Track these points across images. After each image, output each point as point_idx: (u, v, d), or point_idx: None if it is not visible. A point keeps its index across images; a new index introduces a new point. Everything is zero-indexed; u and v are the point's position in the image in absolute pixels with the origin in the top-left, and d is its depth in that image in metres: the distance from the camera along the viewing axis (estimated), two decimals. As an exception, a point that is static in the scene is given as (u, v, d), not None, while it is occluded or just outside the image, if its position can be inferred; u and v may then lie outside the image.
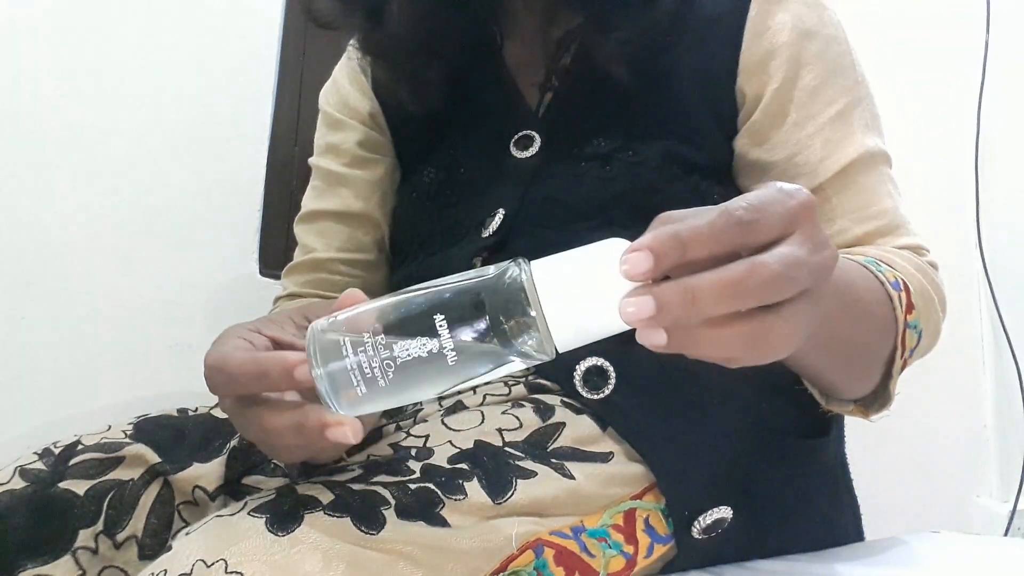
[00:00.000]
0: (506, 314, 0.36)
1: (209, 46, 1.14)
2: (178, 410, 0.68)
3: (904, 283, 0.58)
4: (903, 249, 0.65)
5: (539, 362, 0.38)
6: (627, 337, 0.61)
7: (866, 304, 0.55)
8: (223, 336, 0.49)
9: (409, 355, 0.37)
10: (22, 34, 1.05)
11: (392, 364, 0.37)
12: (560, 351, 0.37)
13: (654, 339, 0.35)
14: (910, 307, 0.58)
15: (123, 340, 1.06)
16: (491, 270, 0.38)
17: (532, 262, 0.37)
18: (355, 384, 0.38)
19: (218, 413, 0.69)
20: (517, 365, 0.38)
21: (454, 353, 0.37)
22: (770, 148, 0.69)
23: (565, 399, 0.60)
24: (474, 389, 0.64)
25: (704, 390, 0.61)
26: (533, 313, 0.36)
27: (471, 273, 0.38)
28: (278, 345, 0.49)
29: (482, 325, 0.36)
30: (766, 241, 0.34)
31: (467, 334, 0.37)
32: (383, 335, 0.38)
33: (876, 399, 0.60)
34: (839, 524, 0.69)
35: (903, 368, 0.60)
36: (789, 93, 0.68)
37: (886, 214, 0.67)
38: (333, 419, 0.41)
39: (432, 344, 0.37)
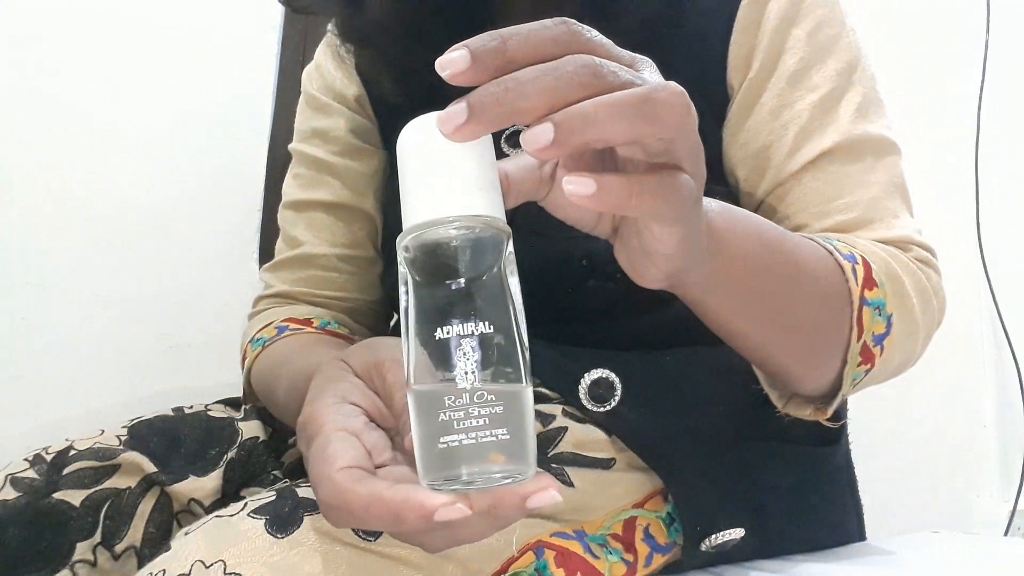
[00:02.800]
0: (426, 259, 0.34)
1: (209, 46, 1.14)
2: (173, 409, 0.67)
3: (862, 258, 0.54)
4: (880, 243, 0.59)
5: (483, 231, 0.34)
6: (631, 345, 0.61)
7: (801, 260, 0.51)
8: (312, 425, 0.41)
9: (462, 362, 0.33)
10: (21, 32, 1.04)
11: (481, 393, 0.33)
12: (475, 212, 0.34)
13: (540, 140, 0.31)
14: (870, 283, 0.53)
15: (123, 340, 1.06)
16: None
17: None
18: (493, 438, 0.33)
19: (214, 413, 0.68)
20: (509, 257, 0.35)
21: (486, 326, 0.33)
22: (743, 143, 0.65)
23: (566, 408, 0.59)
24: None
25: (713, 401, 0.60)
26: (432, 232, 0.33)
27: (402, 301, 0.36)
28: (369, 416, 0.43)
29: (446, 294, 0.34)
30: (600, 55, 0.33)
31: (453, 311, 0.33)
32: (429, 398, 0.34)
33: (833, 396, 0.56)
34: (843, 526, 0.69)
35: (871, 364, 0.55)
36: (765, 81, 0.64)
37: (856, 206, 0.60)
38: (528, 489, 0.34)
39: (466, 339, 0.33)
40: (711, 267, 0.43)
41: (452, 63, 0.32)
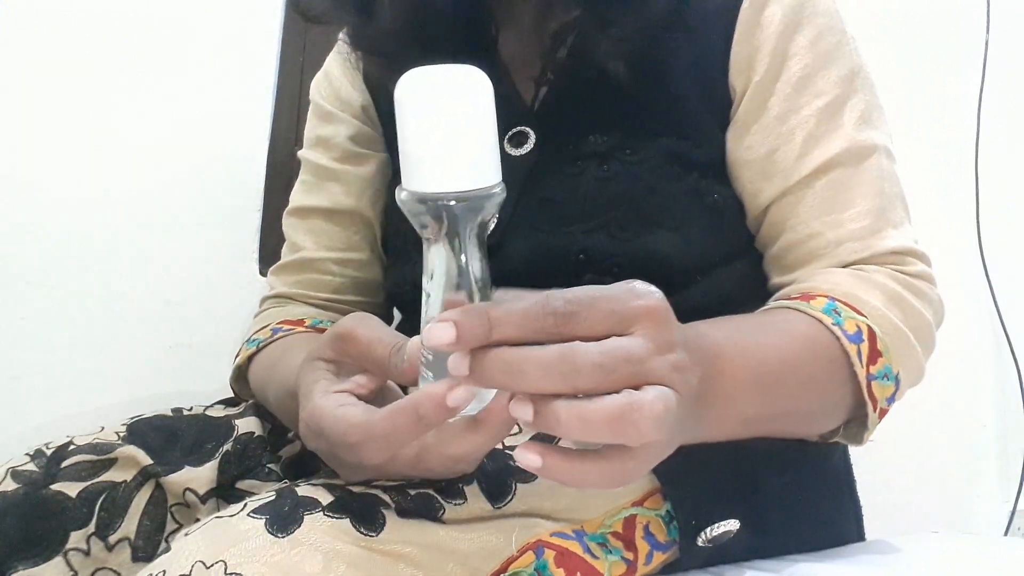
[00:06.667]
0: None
1: (209, 47, 1.14)
2: (172, 410, 0.68)
3: (867, 330, 0.57)
4: (881, 260, 0.63)
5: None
6: None
7: (805, 372, 0.55)
8: (313, 419, 0.46)
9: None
10: (21, 32, 1.05)
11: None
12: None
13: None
14: (874, 356, 0.57)
15: (123, 340, 1.06)
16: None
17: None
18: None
19: (212, 413, 0.69)
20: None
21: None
22: (749, 146, 0.66)
23: None
24: None
25: None
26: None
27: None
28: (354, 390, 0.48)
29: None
30: (587, 335, 0.36)
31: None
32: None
33: (847, 436, 0.62)
34: (841, 526, 0.69)
35: (883, 415, 0.59)
36: (771, 86, 0.66)
37: (865, 215, 0.64)
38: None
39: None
40: (704, 426, 0.46)
41: (437, 335, 0.35)
